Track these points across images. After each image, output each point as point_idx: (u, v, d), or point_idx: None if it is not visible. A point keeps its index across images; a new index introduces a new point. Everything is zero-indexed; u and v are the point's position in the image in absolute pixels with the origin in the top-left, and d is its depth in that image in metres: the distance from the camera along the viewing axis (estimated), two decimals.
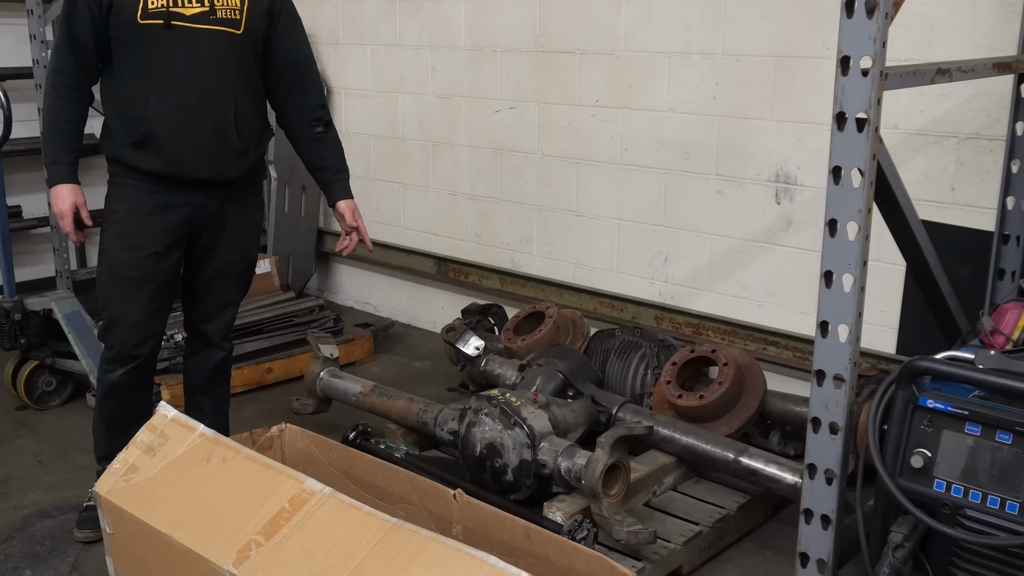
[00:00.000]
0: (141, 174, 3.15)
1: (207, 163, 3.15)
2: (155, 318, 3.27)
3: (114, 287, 3.20)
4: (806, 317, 3.89)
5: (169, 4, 3.03)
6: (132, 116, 3.10)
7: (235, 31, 3.13)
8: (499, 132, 4.94)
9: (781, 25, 3.86)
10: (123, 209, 3.18)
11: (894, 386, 2.36)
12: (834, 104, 2.22)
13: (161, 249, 3.19)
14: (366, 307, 5.92)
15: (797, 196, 3.92)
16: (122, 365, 3.24)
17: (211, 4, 3.08)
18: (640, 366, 3.80)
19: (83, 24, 3.07)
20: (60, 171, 3.19)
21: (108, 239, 3.21)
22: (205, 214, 3.24)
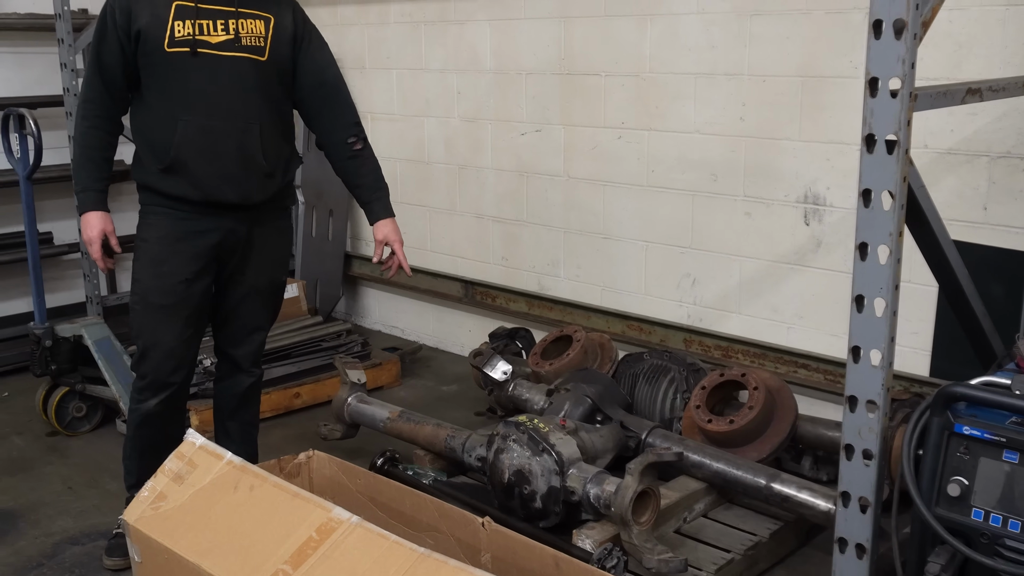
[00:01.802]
0: (171, 200, 3.18)
1: (234, 187, 3.17)
2: (188, 345, 3.29)
3: (147, 315, 3.22)
4: (837, 339, 3.84)
5: (195, 32, 3.07)
6: (160, 142, 3.14)
7: (260, 58, 3.16)
8: (525, 155, 4.93)
9: (807, 45, 3.84)
10: (154, 237, 3.21)
11: (928, 412, 2.31)
12: (863, 126, 2.19)
13: (192, 275, 3.21)
14: (393, 330, 5.92)
15: (826, 217, 3.89)
16: (155, 394, 3.25)
17: (236, 32, 3.12)
18: (669, 390, 3.76)
19: (112, 54, 3.12)
20: (90, 199, 3.24)
21: (140, 267, 3.24)
22: (234, 239, 3.25)
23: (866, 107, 2.18)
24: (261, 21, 3.17)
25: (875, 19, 2.12)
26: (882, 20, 2.11)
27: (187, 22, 3.07)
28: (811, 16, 3.81)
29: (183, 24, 3.06)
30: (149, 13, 3.07)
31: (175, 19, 3.06)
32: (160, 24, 3.06)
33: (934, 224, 2.53)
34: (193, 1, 3.08)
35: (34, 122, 4.35)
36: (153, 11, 3.07)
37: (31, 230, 4.49)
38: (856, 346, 2.28)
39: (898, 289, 2.23)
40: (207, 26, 3.09)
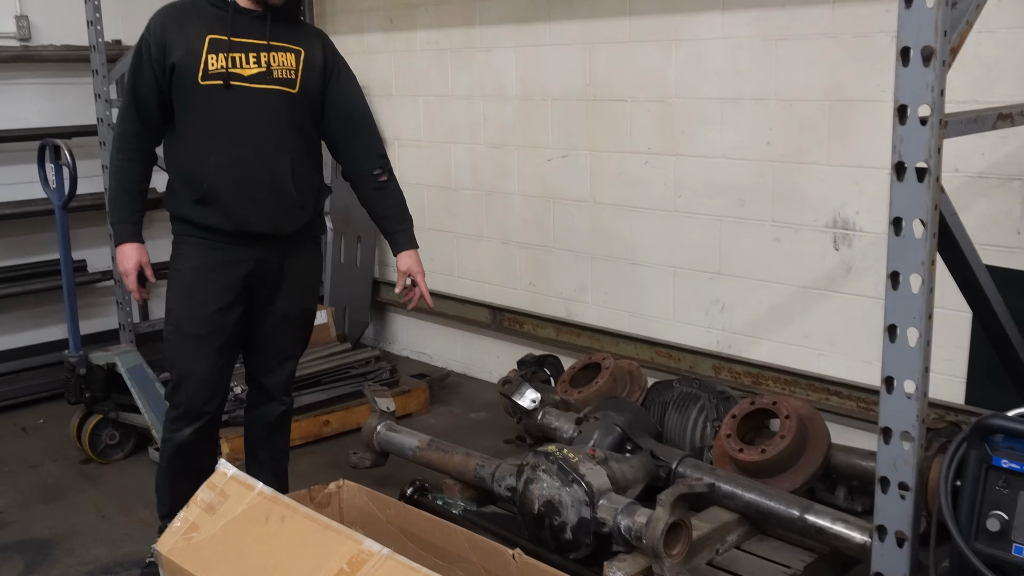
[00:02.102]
0: (204, 230, 3.21)
1: (266, 217, 3.20)
2: (221, 374, 3.32)
3: (181, 345, 3.25)
4: (869, 366, 3.80)
5: (228, 65, 3.11)
6: (193, 173, 3.18)
7: (291, 90, 3.20)
8: (551, 180, 4.94)
9: (834, 68, 3.82)
10: (188, 267, 3.24)
11: (965, 444, 2.28)
12: (892, 154, 2.18)
13: (225, 305, 3.24)
14: (422, 357, 5.93)
15: (856, 242, 3.86)
16: (189, 424, 3.28)
17: (268, 65, 3.16)
18: (699, 418, 3.74)
19: (147, 86, 3.17)
20: (126, 231, 3.29)
21: (174, 297, 3.27)
22: (266, 268, 3.28)
23: (895, 135, 2.16)
24: (292, 54, 3.21)
25: (903, 46, 2.10)
26: (910, 47, 2.09)
27: (220, 55, 3.11)
28: (837, 40, 3.80)
29: (216, 57, 3.11)
30: (183, 47, 3.11)
31: (209, 52, 3.11)
32: (194, 57, 3.10)
33: (966, 251, 2.50)
34: (226, 34, 3.12)
35: (69, 153, 4.41)
36: (187, 45, 3.11)
37: (66, 259, 4.55)
38: (889, 377, 2.25)
39: (931, 319, 2.21)
40: (240, 59, 3.13)
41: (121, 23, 5.60)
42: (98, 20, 4.99)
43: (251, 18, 3.17)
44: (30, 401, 5.21)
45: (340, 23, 5.92)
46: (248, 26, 3.16)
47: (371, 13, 5.73)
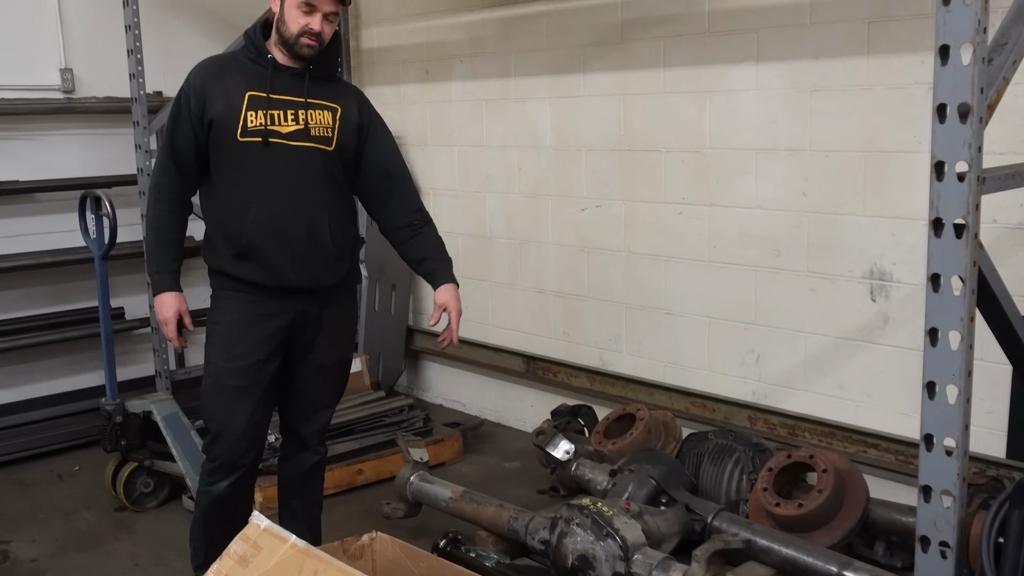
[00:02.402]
0: (243, 284, 3.24)
1: (305, 271, 3.23)
2: (259, 427, 3.33)
3: (220, 397, 3.26)
4: (907, 419, 3.76)
5: (267, 123, 3.15)
6: (232, 228, 3.21)
7: (327, 148, 3.24)
8: (585, 230, 4.95)
9: (869, 119, 3.82)
10: (227, 320, 3.27)
11: (1008, 503, 2.24)
12: (930, 210, 2.17)
13: (264, 357, 3.26)
14: (455, 405, 5.92)
15: (893, 293, 3.83)
16: (226, 476, 3.29)
17: (306, 123, 3.20)
18: (735, 471, 3.70)
19: (185, 138, 3.22)
20: (165, 280, 3.32)
21: (213, 351, 3.29)
22: (304, 319, 3.30)
23: (932, 191, 2.15)
24: (329, 112, 3.25)
25: (939, 103, 2.10)
26: (946, 104, 2.09)
27: (259, 112, 3.15)
28: (872, 91, 3.80)
29: (256, 114, 3.15)
30: (223, 102, 3.16)
31: (248, 109, 3.15)
32: (234, 114, 3.15)
33: (1006, 306, 2.47)
34: (265, 91, 3.17)
35: (110, 204, 4.49)
36: (227, 100, 3.16)
37: (104, 308, 4.61)
38: (929, 434, 2.22)
39: (971, 376, 2.18)
40: (278, 116, 3.17)
41: (162, 75, 5.71)
42: (140, 73, 5.10)
43: (290, 75, 3.22)
44: (67, 448, 5.24)
45: (377, 74, 6.01)
46: (287, 83, 3.21)
47: (407, 65, 5.81)
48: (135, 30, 5.04)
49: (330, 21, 3.18)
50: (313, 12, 3.13)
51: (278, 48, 3.22)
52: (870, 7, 3.76)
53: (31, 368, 5.57)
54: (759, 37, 4.11)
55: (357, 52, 6.09)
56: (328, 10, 3.15)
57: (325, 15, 3.15)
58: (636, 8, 4.56)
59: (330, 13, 3.16)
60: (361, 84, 6.00)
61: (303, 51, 3.17)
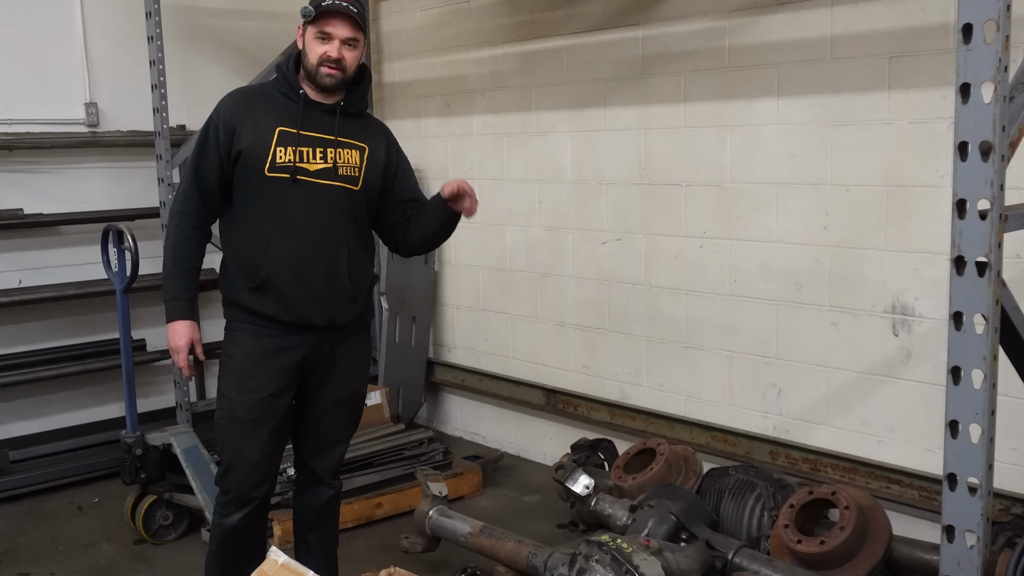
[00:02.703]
0: (258, 317, 3.24)
1: (321, 309, 3.23)
2: (271, 459, 3.32)
3: (233, 430, 3.26)
4: (931, 454, 3.71)
5: (296, 160, 3.16)
6: (251, 261, 3.21)
7: (353, 187, 3.25)
8: (606, 263, 4.95)
9: (891, 154, 3.81)
10: (240, 353, 3.27)
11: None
12: (952, 248, 2.15)
13: (277, 391, 3.25)
14: (475, 437, 5.90)
15: (916, 328, 3.80)
16: (239, 509, 3.28)
17: (334, 161, 3.21)
18: (756, 507, 3.67)
19: (211, 168, 3.22)
20: (179, 308, 3.31)
21: (226, 383, 3.29)
22: (317, 354, 3.30)
23: (954, 229, 2.14)
24: (357, 151, 3.26)
25: (960, 141, 2.09)
26: (968, 142, 2.08)
27: (289, 148, 3.16)
28: (894, 126, 3.79)
29: (285, 150, 3.16)
30: (253, 135, 3.17)
31: (278, 145, 3.16)
32: (263, 148, 3.15)
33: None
34: (295, 127, 3.18)
35: (132, 238, 4.52)
36: (257, 133, 3.17)
37: (126, 341, 4.63)
38: (952, 473, 2.20)
39: (994, 415, 2.16)
40: (307, 154, 3.18)
41: (186, 109, 5.78)
42: (164, 107, 5.16)
43: (320, 111, 3.23)
44: (87, 479, 5.26)
45: (398, 108, 6.05)
46: (317, 119, 3.22)
47: (429, 98, 5.85)
48: (159, 65, 5.11)
49: (350, 47, 3.18)
50: (330, 39, 3.15)
51: (307, 83, 3.24)
52: (891, 42, 3.76)
53: (53, 399, 5.60)
54: (779, 72, 4.11)
55: (379, 86, 6.14)
56: (344, 36, 3.16)
57: (343, 41, 3.16)
58: (656, 43, 4.58)
59: (348, 39, 3.17)
60: (383, 118, 6.04)
61: (324, 80, 3.18)
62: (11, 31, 5.39)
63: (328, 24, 3.15)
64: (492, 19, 5.39)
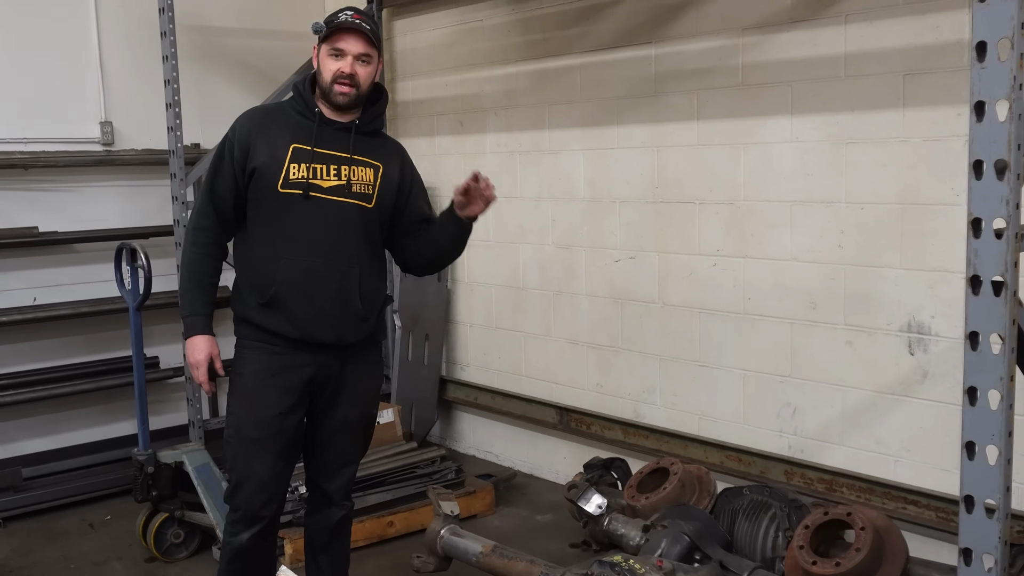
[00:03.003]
0: (267, 334, 3.24)
1: (330, 328, 3.23)
2: (280, 478, 3.31)
3: (241, 447, 3.26)
4: (948, 475, 3.67)
5: (309, 176, 3.17)
6: (262, 277, 3.21)
7: (367, 205, 3.25)
8: (619, 281, 4.93)
9: (906, 172, 3.79)
10: (249, 371, 3.27)
11: None
12: (967, 267, 2.13)
13: (285, 409, 3.25)
14: (488, 456, 5.88)
15: (932, 347, 3.76)
16: (248, 527, 3.27)
17: (348, 178, 3.21)
18: (770, 528, 3.63)
19: (226, 185, 3.24)
20: (198, 323, 3.31)
21: (235, 401, 3.29)
22: (327, 373, 3.29)
23: (970, 248, 2.12)
24: (371, 169, 3.27)
25: (975, 159, 2.07)
26: (982, 160, 2.06)
27: (302, 165, 3.17)
28: (909, 143, 3.77)
29: (298, 167, 3.17)
30: (267, 152, 3.18)
31: (291, 161, 3.17)
32: (276, 165, 3.17)
33: None
34: (310, 145, 3.19)
35: (145, 256, 4.53)
36: (271, 151, 3.18)
37: (138, 359, 4.64)
38: (969, 495, 2.17)
39: (1011, 436, 2.13)
40: (321, 170, 3.19)
41: (200, 128, 5.80)
42: (178, 126, 5.18)
43: (335, 130, 3.24)
44: (99, 497, 5.25)
45: (412, 126, 6.06)
46: (332, 137, 3.23)
47: (442, 116, 5.86)
48: (173, 84, 5.14)
49: (363, 63, 3.20)
50: (343, 56, 3.17)
51: (323, 102, 3.25)
52: (905, 60, 3.74)
53: (67, 416, 5.62)
54: (793, 89, 4.10)
55: (393, 104, 6.15)
56: (356, 51, 3.17)
57: (356, 57, 3.17)
58: (669, 61, 4.58)
59: (361, 55, 3.18)
60: (396, 135, 6.06)
61: (338, 98, 3.19)
62: (29, 52, 5.43)
63: (340, 40, 3.17)
64: (505, 38, 5.41)
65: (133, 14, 5.69)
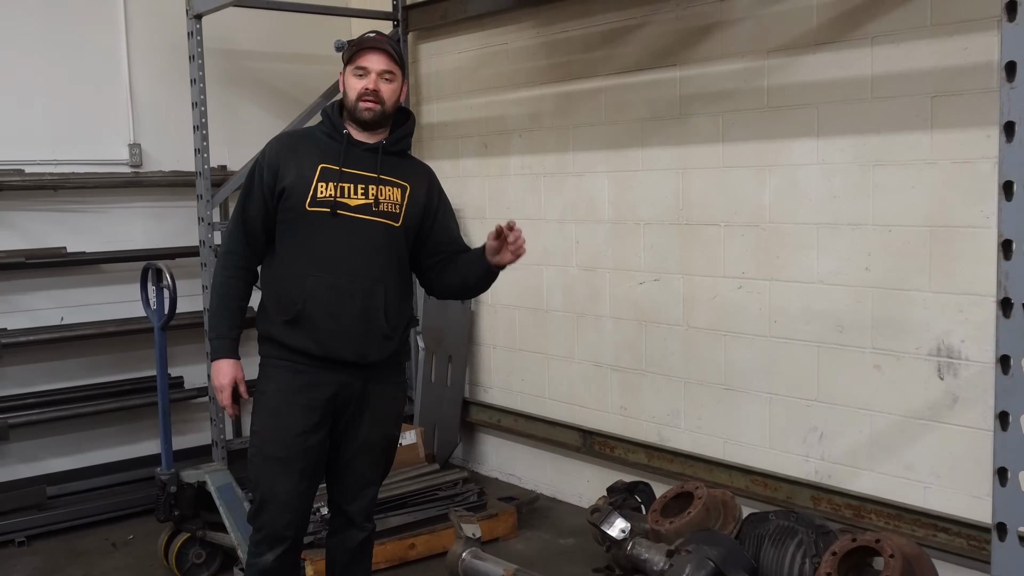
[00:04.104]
0: (291, 352, 3.24)
1: (353, 346, 3.23)
2: (303, 498, 3.31)
3: (265, 467, 3.26)
4: (979, 502, 3.61)
5: (337, 194, 3.19)
6: (288, 295, 3.23)
7: (394, 223, 3.27)
8: (643, 304, 4.91)
9: (934, 194, 3.75)
10: (272, 389, 3.27)
11: None
12: (998, 289, 2.09)
13: (309, 428, 3.24)
14: (511, 478, 5.85)
15: (962, 371, 3.71)
16: (271, 548, 3.26)
17: (375, 197, 3.23)
18: (797, 554, 3.58)
19: (256, 209, 3.27)
20: (224, 346, 3.33)
21: (259, 419, 3.30)
22: (349, 392, 3.29)
23: (1000, 270, 2.08)
24: (399, 189, 3.29)
25: (1005, 180, 2.04)
26: (1012, 182, 2.03)
27: (330, 184, 3.20)
28: (937, 165, 3.73)
29: (326, 186, 3.20)
30: (296, 173, 3.22)
31: (319, 180, 3.20)
32: (305, 184, 3.20)
33: None
34: (338, 165, 3.22)
35: (171, 276, 4.55)
36: (299, 171, 3.22)
37: (163, 379, 4.65)
38: (1001, 523, 2.12)
39: None
40: (348, 189, 3.21)
41: (227, 150, 5.86)
42: (205, 148, 5.22)
43: (363, 150, 3.27)
44: (122, 516, 5.27)
45: (436, 148, 6.08)
46: (360, 158, 3.26)
47: (466, 139, 5.87)
48: (201, 107, 5.18)
49: (387, 80, 3.23)
50: (367, 74, 3.22)
51: (351, 124, 3.29)
52: (932, 81, 3.72)
53: (92, 436, 5.65)
54: (819, 112, 4.08)
55: (418, 127, 6.15)
56: (379, 68, 3.22)
57: (379, 74, 3.22)
58: (694, 83, 4.57)
59: (384, 71, 3.22)
60: (421, 158, 6.06)
61: (364, 115, 3.23)
62: (61, 76, 5.51)
63: (363, 59, 3.22)
64: (530, 60, 5.42)
65: (162, 39, 5.76)
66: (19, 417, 5.24)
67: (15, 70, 5.40)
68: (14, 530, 4.97)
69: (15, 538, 4.94)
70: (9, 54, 5.38)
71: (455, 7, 5.71)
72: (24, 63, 5.42)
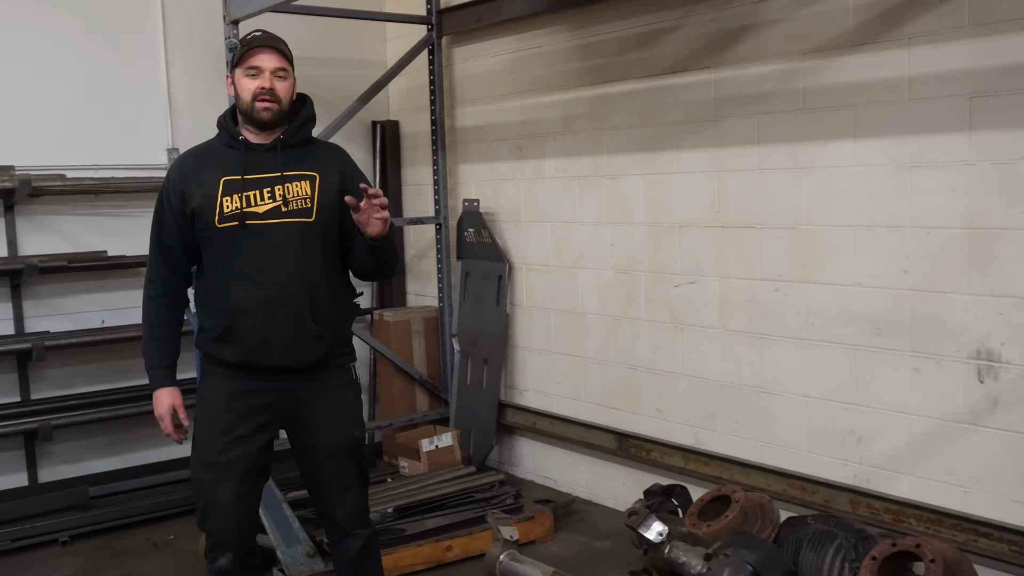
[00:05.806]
0: (225, 364, 3.29)
1: (284, 352, 3.24)
2: (245, 502, 3.31)
3: (205, 472, 3.28)
4: (1021, 507, 3.58)
5: (243, 205, 3.20)
6: (215, 312, 3.27)
7: (307, 219, 3.25)
8: (679, 306, 4.90)
9: (973, 196, 3.72)
10: (211, 396, 3.33)
11: None
12: None
13: (247, 433, 3.27)
14: (546, 481, 5.86)
15: (1003, 375, 3.68)
16: (223, 552, 3.29)
17: (283, 197, 3.22)
18: (836, 558, 3.57)
19: (171, 235, 3.29)
20: (159, 376, 3.38)
21: (198, 426, 3.34)
22: (291, 397, 3.31)
23: None
24: (307, 181, 3.27)
25: None
26: None
27: (235, 196, 3.20)
28: (975, 167, 3.70)
29: (231, 199, 3.20)
30: (201, 192, 3.22)
31: (223, 195, 3.20)
32: (211, 202, 3.20)
33: None
34: (240, 174, 3.22)
35: None
36: (204, 190, 3.22)
37: None
38: None
39: None
40: (254, 197, 3.21)
41: None
42: None
43: (263, 152, 3.26)
44: (163, 516, 5.34)
45: (471, 152, 6.10)
46: (261, 160, 3.25)
47: (501, 142, 5.89)
48: None
49: (281, 78, 3.24)
50: (260, 73, 3.22)
51: (247, 128, 3.28)
52: (971, 82, 3.69)
53: (133, 437, 5.73)
54: (856, 113, 4.06)
55: (452, 131, 6.20)
56: (272, 66, 3.23)
57: (273, 72, 3.23)
58: (729, 86, 4.56)
59: (277, 69, 3.23)
60: (455, 161, 6.11)
61: (262, 115, 3.22)
62: (100, 83, 5.61)
63: (254, 58, 3.22)
64: (564, 63, 5.43)
65: (200, 45, 5.83)
66: (62, 418, 5.33)
67: (56, 78, 5.49)
68: (57, 530, 5.05)
69: (58, 538, 5.02)
70: (50, 63, 5.47)
71: (490, 11, 5.73)
72: (64, 71, 5.51)
